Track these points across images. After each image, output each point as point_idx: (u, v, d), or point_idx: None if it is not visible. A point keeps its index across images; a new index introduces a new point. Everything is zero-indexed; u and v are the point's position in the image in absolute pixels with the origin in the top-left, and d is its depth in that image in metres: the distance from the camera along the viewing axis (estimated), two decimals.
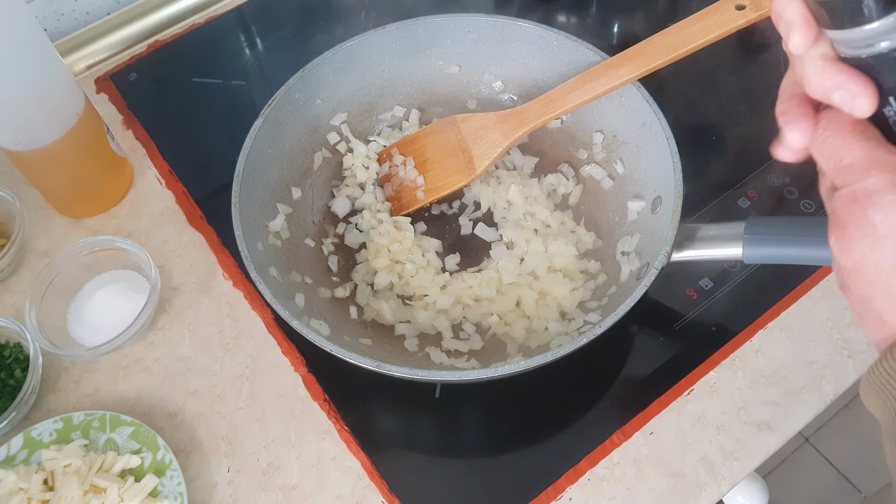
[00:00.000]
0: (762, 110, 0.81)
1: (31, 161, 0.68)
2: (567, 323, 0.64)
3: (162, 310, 0.69)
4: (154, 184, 0.78)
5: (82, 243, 0.68)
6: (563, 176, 0.73)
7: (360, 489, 0.60)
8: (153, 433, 0.60)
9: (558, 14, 0.90)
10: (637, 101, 0.66)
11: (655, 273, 0.56)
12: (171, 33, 0.91)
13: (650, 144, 0.66)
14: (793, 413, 0.62)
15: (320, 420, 0.63)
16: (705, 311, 0.67)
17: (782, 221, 0.55)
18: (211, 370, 0.66)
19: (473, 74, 0.77)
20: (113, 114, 0.84)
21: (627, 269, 0.64)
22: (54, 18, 0.90)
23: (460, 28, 0.74)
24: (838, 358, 0.64)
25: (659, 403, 0.62)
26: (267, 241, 0.64)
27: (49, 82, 0.64)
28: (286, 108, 0.69)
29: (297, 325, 0.55)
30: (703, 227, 0.58)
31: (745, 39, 0.88)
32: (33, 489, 0.57)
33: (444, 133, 0.71)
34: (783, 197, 0.73)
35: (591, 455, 0.60)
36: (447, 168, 0.70)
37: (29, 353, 0.63)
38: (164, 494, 0.57)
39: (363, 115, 0.77)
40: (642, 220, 0.66)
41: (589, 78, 0.65)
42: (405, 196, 0.72)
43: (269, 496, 0.60)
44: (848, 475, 1.48)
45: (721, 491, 0.59)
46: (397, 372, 0.54)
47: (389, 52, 0.74)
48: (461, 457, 0.62)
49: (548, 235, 0.69)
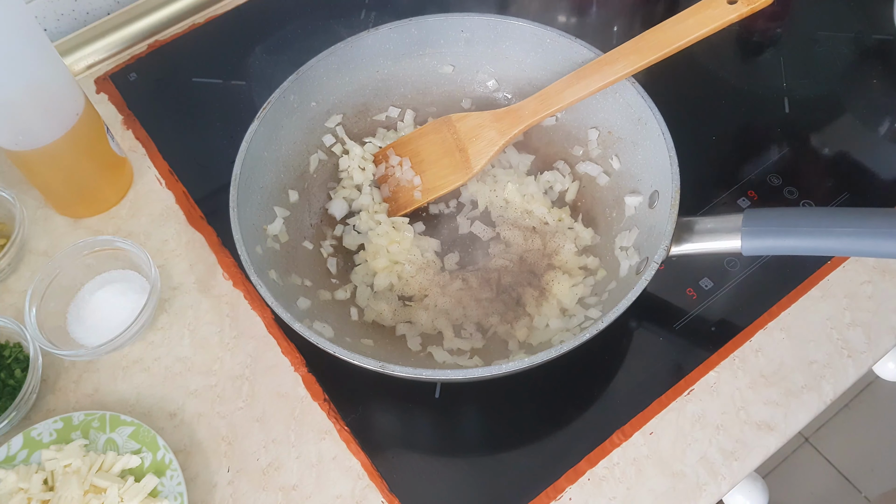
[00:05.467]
0: (762, 110, 0.81)
1: (31, 161, 0.68)
2: (568, 319, 0.64)
3: (162, 310, 0.69)
4: (154, 184, 0.78)
5: (82, 243, 0.68)
6: (559, 173, 0.73)
7: (360, 489, 0.60)
8: (153, 433, 0.60)
9: (558, 14, 0.90)
10: (632, 97, 0.67)
11: (656, 267, 0.56)
12: (171, 33, 0.91)
13: (646, 139, 0.66)
14: (793, 413, 0.62)
15: (320, 420, 0.63)
16: (705, 311, 0.67)
17: (780, 213, 0.55)
18: (211, 370, 0.66)
19: (467, 74, 0.77)
20: (113, 114, 0.84)
21: (627, 264, 0.64)
22: (54, 18, 0.90)
23: (454, 28, 0.74)
24: (838, 358, 0.64)
25: (659, 403, 0.62)
26: (266, 245, 0.64)
27: (49, 82, 0.64)
28: (281, 110, 0.69)
29: (300, 328, 0.55)
30: (702, 220, 0.58)
31: (743, 37, 0.88)
32: (33, 489, 0.57)
33: (439, 133, 0.71)
34: (783, 196, 0.73)
35: (591, 455, 0.60)
36: (444, 167, 0.70)
37: (29, 353, 0.63)
38: (163, 494, 0.57)
39: (358, 117, 0.77)
40: (640, 215, 0.66)
41: (584, 74, 0.65)
42: (402, 196, 0.72)
43: (268, 496, 0.60)
44: (848, 475, 1.48)
45: (721, 491, 0.59)
46: (401, 372, 0.54)
47: (383, 52, 0.74)
48: (461, 457, 0.62)
49: (545, 233, 0.69)
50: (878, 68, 0.84)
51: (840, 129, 0.79)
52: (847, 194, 0.73)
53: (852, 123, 0.79)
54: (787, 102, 0.81)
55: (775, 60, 0.85)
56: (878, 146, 0.78)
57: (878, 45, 0.86)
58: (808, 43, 0.86)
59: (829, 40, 0.86)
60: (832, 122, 0.79)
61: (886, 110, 0.81)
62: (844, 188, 0.74)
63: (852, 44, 0.86)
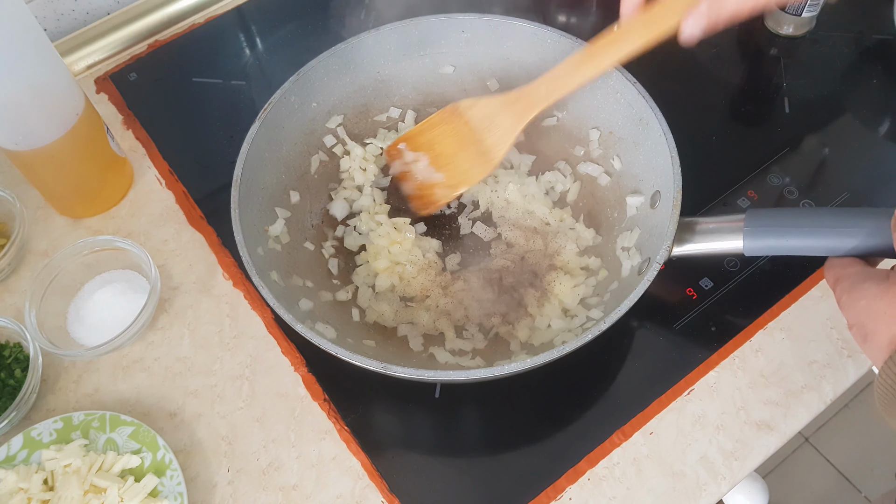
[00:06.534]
0: (762, 110, 0.81)
1: (31, 161, 0.68)
2: (570, 320, 0.64)
3: (162, 310, 0.69)
4: (154, 184, 0.78)
5: (82, 243, 0.68)
6: (560, 173, 0.73)
7: (360, 489, 0.60)
8: (153, 433, 0.60)
9: (558, 14, 0.90)
10: (633, 97, 0.66)
11: (657, 268, 0.56)
12: (171, 33, 0.91)
13: (647, 140, 0.66)
14: (793, 413, 0.62)
15: (320, 420, 0.63)
16: (705, 311, 0.67)
17: (782, 213, 0.54)
18: (211, 370, 0.66)
19: (468, 74, 0.77)
20: (113, 114, 0.84)
21: (628, 264, 0.64)
22: (54, 18, 0.90)
23: (454, 28, 0.74)
24: (838, 358, 0.64)
25: (659, 403, 0.62)
26: (267, 246, 0.64)
27: (49, 82, 0.64)
28: (282, 111, 0.69)
29: (302, 329, 0.55)
30: (703, 220, 0.58)
31: (744, 38, 0.88)
32: (33, 489, 0.57)
33: (450, 123, 0.69)
34: (783, 196, 0.73)
35: (591, 455, 0.60)
36: (464, 161, 0.68)
37: (29, 353, 0.63)
38: (163, 494, 0.57)
39: (359, 118, 0.77)
40: (641, 216, 0.66)
41: (594, 52, 0.62)
42: (427, 194, 0.70)
43: (268, 496, 0.60)
44: (848, 475, 1.48)
45: (721, 491, 0.59)
46: (403, 373, 0.54)
47: (384, 53, 0.74)
48: (461, 457, 0.62)
49: (547, 233, 0.69)
50: (878, 68, 0.84)
51: (840, 129, 0.79)
52: (847, 194, 0.73)
53: (852, 123, 0.79)
54: (787, 102, 0.81)
55: (775, 60, 0.85)
56: (878, 146, 0.78)
57: (878, 45, 0.86)
58: (808, 43, 0.86)
59: (829, 40, 0.86)
60: (832, 122, 0.79)
61: (886, 110, 0.81)
62: (844, 188, 0.74)
63: (852, 44, 0.86)
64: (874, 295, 0.46)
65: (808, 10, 0.83)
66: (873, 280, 0.47)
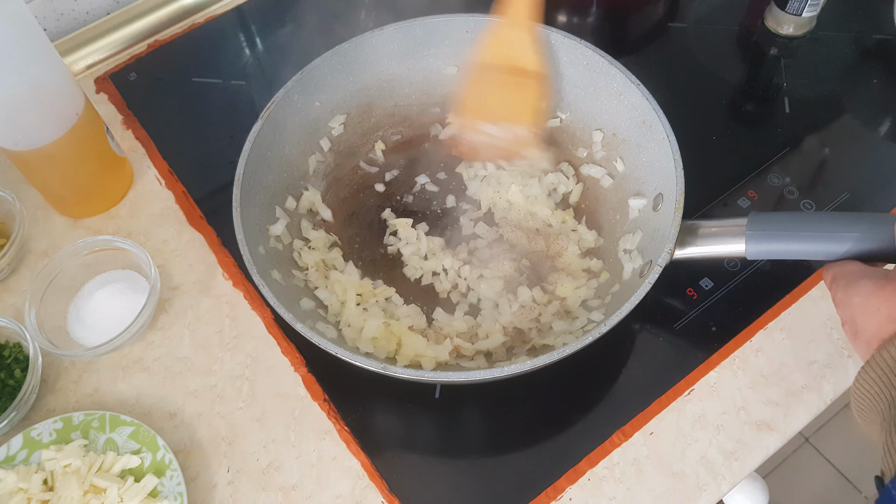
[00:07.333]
0: (762, 110, 0.81)
1: (31, 161, 0.68)
2: (571, 321, 0.64)
3: (162, 310, 0.69)
4: (154, 184, 0.78)
5: (82, 243, 0.68)
6: (563, 175, 0.73)
7: (360, 489, 0.59)
8: (153, 433, 0.60)
9: (558, 14, 0.90)
10: (636, 99, 0.66)
11: (660, 270, 0.56)
12: (170, 33, 0.91)
13: (650, 142, 0.66)
14: (793, 413, 0.62)
15: (320, 420, 0.63)
16: (705, 311, 0.67)
17: (784, 217, 0.55)
18: (211, 370, 0.66)
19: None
20: (113, 114, 0.84)
21: (630, 266, 0.63)
22: (54, 18, 0.90)
23: (458, 28, 0.74)
24: (838, 358, 0.64)
25: (659, 403, 0.62)
26: (268, 245, 0.64)
27: (49, 82, 0.64)
28: (285, 110, 0.69)
29: (303, 329, 0.55)
30: (706, 223, 0.58)
31: (744, 39, 0.88)
32: (33, 489, 0.57)
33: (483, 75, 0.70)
34: (783, 196, 0.73)
35: (591, 455, 0.60)
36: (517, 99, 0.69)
37: (29, 353, 0.63)
38: (163, 494, 0.57)
39: (362, 117, 0.77)
40: (644, 218, 0.66)
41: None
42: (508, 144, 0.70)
43: (268, 496, 0.60)
44: (848, 475, 1.48)
45: (721, 491, 0.59)
46: (403, 373, 0.54)
47: (387, 53, 0.74)
48: (461, 457, 0.62)
49: (549, 235, 0.69)
50: (878, 68, 0.84)
51: (840, 129, 0.79)
52: (847, 194, 0.73)
53: (852, 123, 0.79)
54: (787, 102, 0.81)
55: (775, 60, 0.85)
56: (878, 146, 0.78)
57: (878, 45, 0.86)
58: (808, 43, 0.86)
59: (829, 40, 0.86)
60: (832, 122, 0.79)
61: (886, 110, 0.81)
62: (845, 188, 0.74)
63: (852, 44, 0.86)
64: (869, 292, 0.46)
65: (808, 10, 0.83)
66: (870, 278, 0.47)
